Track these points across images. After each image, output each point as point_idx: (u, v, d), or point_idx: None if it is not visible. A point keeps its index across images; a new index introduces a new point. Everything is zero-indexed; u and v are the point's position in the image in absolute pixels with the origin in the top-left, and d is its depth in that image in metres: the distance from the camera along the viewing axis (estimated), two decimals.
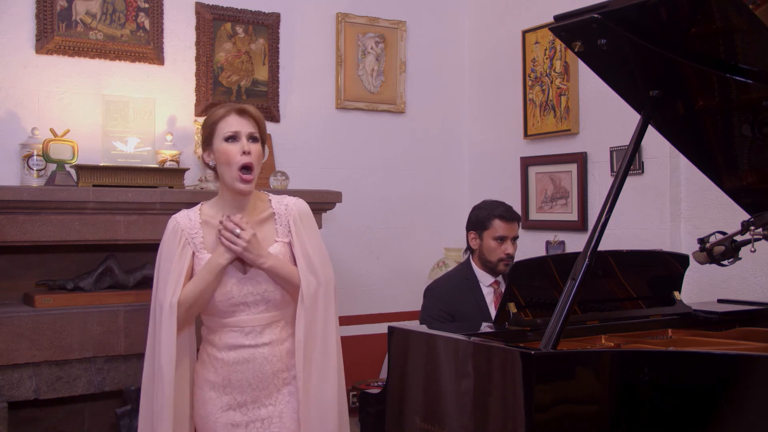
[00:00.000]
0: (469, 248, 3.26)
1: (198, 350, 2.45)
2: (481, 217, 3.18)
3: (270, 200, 2.43)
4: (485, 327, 2.53)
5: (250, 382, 2.31)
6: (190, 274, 2.32)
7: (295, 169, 4.17)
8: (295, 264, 2.35)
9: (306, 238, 2.38)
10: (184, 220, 2.35)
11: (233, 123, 2.28)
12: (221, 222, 2.29)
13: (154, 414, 2.27)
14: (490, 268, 3.18)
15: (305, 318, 2.31)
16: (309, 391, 2.31)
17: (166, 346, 2.25)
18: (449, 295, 3.16)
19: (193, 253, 2.32)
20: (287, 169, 4.01)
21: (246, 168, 2.26)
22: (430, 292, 3.26)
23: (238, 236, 2.26)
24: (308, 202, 2.49)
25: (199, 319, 2.42)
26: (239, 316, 2.31)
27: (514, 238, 3.18)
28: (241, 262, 2.31)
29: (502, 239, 3.14)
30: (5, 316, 3.10)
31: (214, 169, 2.37)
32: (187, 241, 2.32)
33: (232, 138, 2.27)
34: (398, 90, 4.63)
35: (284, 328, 2.36)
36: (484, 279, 3.19)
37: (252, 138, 2.29)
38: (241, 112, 2.30)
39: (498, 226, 3.14)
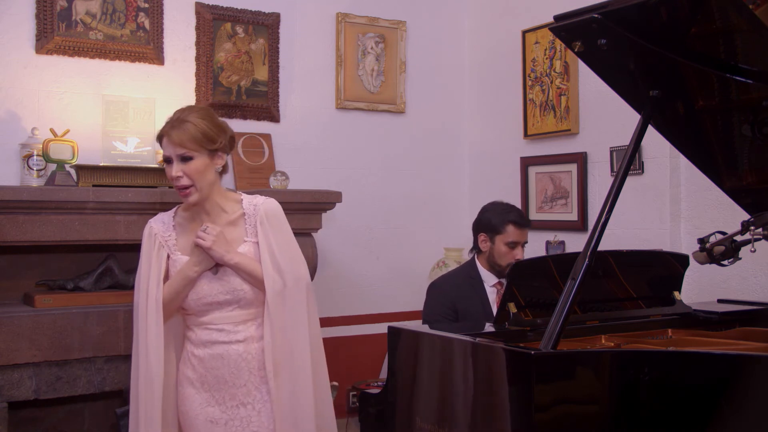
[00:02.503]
0: (476, 248, 3.25)
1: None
2: (494, 221, 3.17)
3: (242, 200, 2.46)
4: (485, 327, 2.53)
5: (226, 378, 2.34)
6: (166, 276, 2.39)
7: (295, 169, 4.17)
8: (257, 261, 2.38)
9: (273, 237, 2.39)
10: (158, 224, 2.43)
11: (165, 146, 2.34)
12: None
13: (143, 413, 2.30)
14: (498, 271, 3.18)
15: (270, 318, 2.33)
16: (281, 393, 2.32)
17: (153, 342, 2.30)
18: (453, 292, 3.17)
19: (168, 255, 2.39)
20: (287, 169, 4.00)
21: (182, 188, 2.32)
22: (434, 288, 3.26)
23: (206, 232, 2.33)
24: (308, 202, 2.51)
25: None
26: (212, 315, 2.36)
27: (524, 244, 3.18)
28: (212, 268, 2.37)
29: (513, 245, 3.14)
30: (5, 316, 3.10)
31: None
32: (161, 244, 2.40)
33: (166, 161, 2.35)
34: (398, 90, 4.63)
35: (260, 326, 2.38)
36: (489, 279, 3.20)
37: (183, 158, 2.31)
38: (169, 136, 2.33)
39: (511, 232, 3.14)
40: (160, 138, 2.37)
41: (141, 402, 2.30)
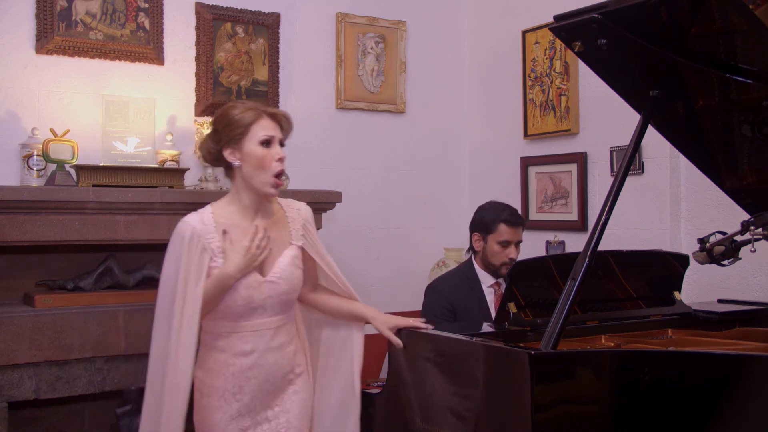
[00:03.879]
0: (471, 249, 3.25)
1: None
2: (486, 220, 3.16)
3: (280, 203, 2.41)
4: (485, 327, 2.54)
5: (261, 386, 2.27)
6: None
7: (295, 169, 4.16)
8: (302, 267, 2.36)
9: (317, 242, 2.41)
10: (198, 224, 2.24)
11: (268, 127, 2.25)
12: None
13: (165, 422, 2.18)
14: (492, 271, 3.17)
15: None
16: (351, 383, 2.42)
17: (185, 351, 2.17)
18: (451, 292, 3.16)
19: (210, 258, 2.22)
20: (287, 169, 3.95)
21: (280, 175, 2.26)
22: (432, 288, 3.26)
23: None
24: (308, 202, 2.51)
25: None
26: (255, 320, 2.26)
27: (518, 243, 3.17)
28: (259, 270, 2.26)
29: (506, 244, 3.12)
30: (5, 316, 3.10)
31: (230, 167, 2.29)
32: (204, 247, 2.22)
33: (268, 142, 2.24)
34: (398, 90, 4.63)
35: (291, 329, 2.35)
36: (486, 279, 3.19)
37: (281, 144, 2.29)
38: (273, 116, 2.28)
39: (503, 231, 3.12)
40: (254, 120, 2.24)
41: (164, 411, 2.17)
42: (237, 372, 2.25)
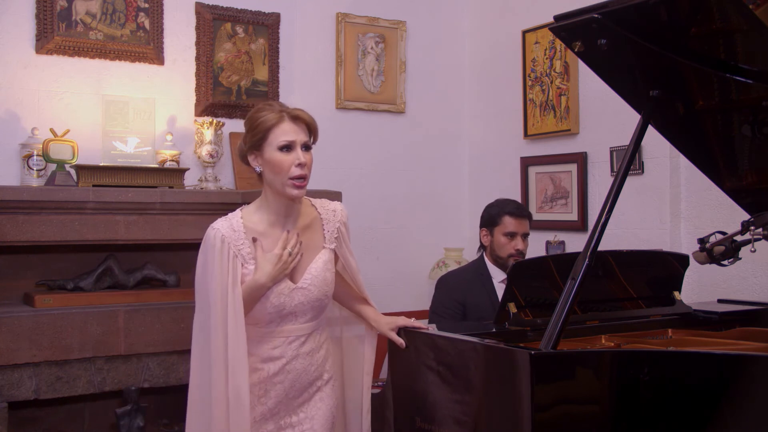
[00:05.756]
0: (481, 245, 3.28)
1: None
2: (492, 214, 3.23)
3: (313, 204, 2.35)
4: (486, 327, 2.53)
5: (287, 392, 2.24)
6: None
7: None
8: (334, 271, 2.32)
9: (348, 247, 2.37)
10: (228, 231, 2.18)
11: (288, 131, 2.17)
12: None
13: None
14: (501, 264, 3.20)
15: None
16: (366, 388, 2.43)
17: (240, 357, 2.11)
18: (462, 287, 3.18)
19: (242, 264, 2.18)
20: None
21: (299, 178, 2.18)
22: (443, 283, 3.28)
23: None
24: None
25: None
26: (286, 326, 2.23)
27: (525, 235, 3.21)
28: (289, 276, 2.23)
29: (512, 235, 3.17)
30: (5, 316, 3.10)
31: (259, 174, 2.24)
32: (235, 254, 2.17)
33: (287, 148, 2.17)
34: (398, 90, 4.63)
35: (321, 335, 2.32)
36: (497, 275, 3.21)
37: (305, 146, 2.20)
38: (295, 119, 2.19)
39: (508, 223, 3.17)
40: (275, 124, 2.16)
41: (231, 424, 2.11)
42: (264, 377, 2.21)
